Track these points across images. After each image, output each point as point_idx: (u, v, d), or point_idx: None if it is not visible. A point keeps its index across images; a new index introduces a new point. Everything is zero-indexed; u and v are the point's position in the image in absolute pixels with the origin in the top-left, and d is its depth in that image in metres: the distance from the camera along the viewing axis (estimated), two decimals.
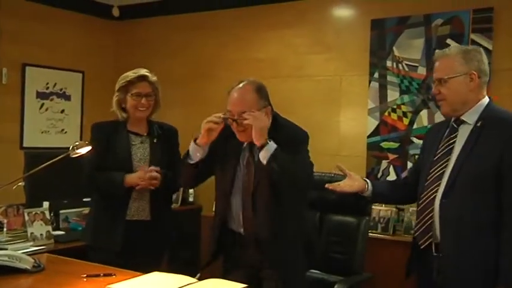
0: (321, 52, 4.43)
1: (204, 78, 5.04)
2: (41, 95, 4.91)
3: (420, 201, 2.19)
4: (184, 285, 1.86)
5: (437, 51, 2.30)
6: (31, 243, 2.95)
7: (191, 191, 4.95)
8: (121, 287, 1.86)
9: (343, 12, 4.40)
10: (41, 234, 3.05)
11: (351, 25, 4.33)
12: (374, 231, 3.76)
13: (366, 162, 4.17)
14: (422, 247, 2.16)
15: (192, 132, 4.39)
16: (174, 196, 4.90)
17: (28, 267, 2.16)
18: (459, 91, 2.12)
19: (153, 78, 2.81)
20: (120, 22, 5.47)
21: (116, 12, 5.19)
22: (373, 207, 3.27)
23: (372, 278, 2.98)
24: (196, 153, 2.39)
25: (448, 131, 2.20)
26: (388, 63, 4.10)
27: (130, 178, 2.63)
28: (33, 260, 2.20)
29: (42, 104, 4.93)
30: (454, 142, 2.14)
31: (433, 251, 2.13)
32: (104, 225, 2.66)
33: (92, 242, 2.70)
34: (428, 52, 3.92)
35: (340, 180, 3.01)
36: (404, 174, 3.91)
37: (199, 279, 2.01)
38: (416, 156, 3.81)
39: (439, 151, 2.18)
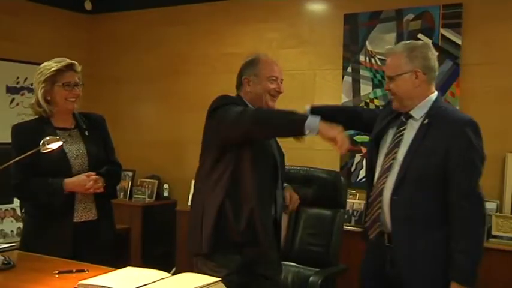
0: (295, 46, 4.45)
1: (177, 73, 5.01)
2: (11, 90, 4.82)
3: (371, 193, 2.27)
4: (158, 280, 1.85)
5: (386, 48, 2.37)
6: (1, 240, 2.91)
7: (166, 185, 4.93)
8: (93, 283, 1.84)
9: (316, 7, 4.43)
10: (12, 231, 3.01)
11: (324, 19, 4.36)
12: (348, 224, 3.80)
13: (340, 156, 4.20)
14: (370, 237, 2.24)
15: (165, 127, 4.40)
16: (147, 190, 4.89)
17: None
18: (405, 88, 2.19)
19: (79, 66, 2.60)
20: (93, 16, 5.40)
21: (88, 5, 5.12)
22: (347, 200, 3.30)
23: (347, 269, 3.02)
24: None
25: (398, 123, 2.26)
26: (361, 58, 4.14)
27: (72, 184, 2.47)
28: (2, 258, 2.17)
29: (13, 99, 4.84)
30: (403, 135, 2.21)
31: (386, 241, 2.19)
32: (50, 232, 2.49)
33: (38, 251, 2.40)
34: None
35: (316, 174, 3.08)
36: None
37: (175, 274, 2.01)
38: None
39: (388, 143, 2.24)
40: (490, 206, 3.58)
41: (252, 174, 2.27)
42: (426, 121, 2.16)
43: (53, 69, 2.51)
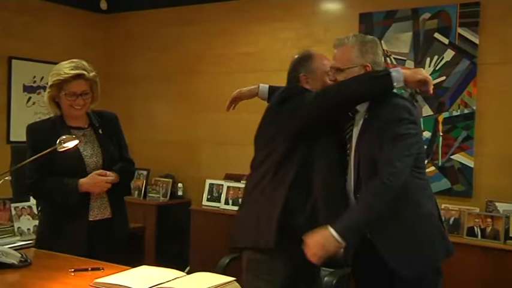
0: (310, 46, 4.40)
1: (192, 72, 5.03)
2: (28, 89, 4.87)
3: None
4: (173, 279, 1.86)
5: (336, 38, 2.31)
6: (18, 237, 2.94)
7: (180, 185, 4.95)
8: (109, 281, 1.85)
9: (331, 6, 4.41)
10: (28, 229, 3.04)
11: (339, 19, 4.34)
12: None
13: None
14: None
15: (180, 126, 4.44)
16: (162, 190, 4.91)
17: (15, 262, 2.14)
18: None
19: (91, 74, 2.55)
20: (108, 15, 5.43)
21: (103, 5, 5.16)
22: None
23: None
24: None
25: (346, 119, 2.26)
26: None
27: (87, 185, 2.48)
28: (20, 255, 2.19)
29: (29, 98, 4.89)
30: (352, 130, 2.21)
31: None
32: (66, 230, 2.49)
33: (53, 249, 2.42)
34: (416, 46, 3.94)
35: None
36: None
37: (189, 273, 2.02)
38: None
39: (346, 137, 2.25)
40: (507, 207, 3.56)
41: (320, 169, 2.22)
42: (367, 116, 2.15)
43: (60, 77, 2.49)
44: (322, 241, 1.98)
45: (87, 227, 2.51)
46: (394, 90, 2.18)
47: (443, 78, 3.84)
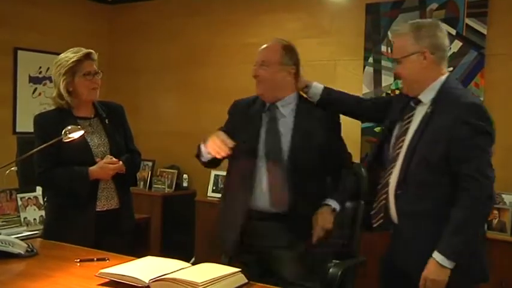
0: (316, 36, 4.41)
1: (197, 63, 5.01)
2: (33, 80, 4.88)
3: (380, 181, 2.19)
4: (178, 269, 1.86)
5: (392, 29, 2.28)
6: (24, 228, 2.94)
7: (185, 176, 4.95)
8: (114, 271, 1.86)
9: None
10: (34, 219, 3.04)
11: (345, 9, 4.31)
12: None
13: (360, 147, 4.17)
14: (374, 225, 2.19)
15: (185, 117, 4.48)
16: (167, 181, 4.92)
17: (21, 252, 2.15)
18: (413, 70, 2.08)
19: (95, 55, 2.59)
20: (114, 6, 5.42)
21: None
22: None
23: (365, 261, 3.00)
24: (206, 154, 2.35)
25: (407, 109, 2.16)
26: (383, 48, 4.09)
27: (96, 172, 2.48)
28: (26, 245, 2.20)
29: (35, 89, 4.90)
30: (410, 122, 2.11)
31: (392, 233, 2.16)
32: (73, 220, 2.49)
33: (61, 239, 2.43)
34: None
35: None
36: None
37: (194, 263, 2.02)
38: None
39: (397, 131, 2.16)
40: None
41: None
42: (430, 109, 2.04)
43: (71, 60, 2.50)
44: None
45: (95, 217, 2.51)
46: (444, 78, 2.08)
47: (451, 69, 3.81)
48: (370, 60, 4.14)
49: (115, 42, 5.46)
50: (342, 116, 4.22)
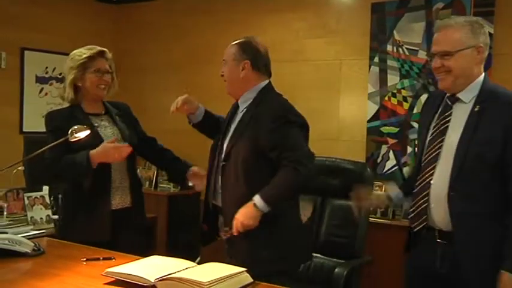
0: (321, 36, 4.40)
1: (202, 62, 5.02)
2: (40, 80, 4.90)
3: (417, 184, 2.13)
4: (184, 269, 1.87)
5: (439, 21, 2.18)
6: (31, 227, 2.96)
7: None
8: (120, 271, 1.86)
9: None
10: (41, 218, 3.06)
11: (351, 9, 4.30)
12: (373, 216, 3.77)
13: (366, 147, 4.17)
14: (415, 230, 2.12)
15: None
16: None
17: (28, 251, 2.16)
18: (465, 65, 2.01)
19: (109, 54, 2.65)
20: (119, 6, 5.44)
21: None
22: (373, 192, 3.26)
23: (371, 261, 3.00)
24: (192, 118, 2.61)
25: (442, 107, 2.12)
26: (389, 47, 4.08)
27: (97, 154, 2.40)
28: (33, 244, 2.21)
29: (42, 89, 4.92)
30: (449, 121, 2.06)
31: (436, 237, 2.07)
32: (89, 217, 2.50)
33: (76, 236, 2.45)
34: (429, 36, 3.89)
35: (342, 165, 3.03)
36: (404, 160, 3.92)
37: (199, 263, 2.02)
38: (416, 142, 3.81)
39: (433, 130, 2.10)
40: None
41: None
42: (477, 108, 1.99)
43: (84, 55, 2.54)
44: None
45: (110, 215, 2.51)
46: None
47: None
48: (376, 59, 4.13)
49: (120, 42, 5.47)
50: (348, 116, 4.27)
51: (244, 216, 2.23)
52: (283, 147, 2.23)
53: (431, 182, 2.06)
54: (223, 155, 2.41)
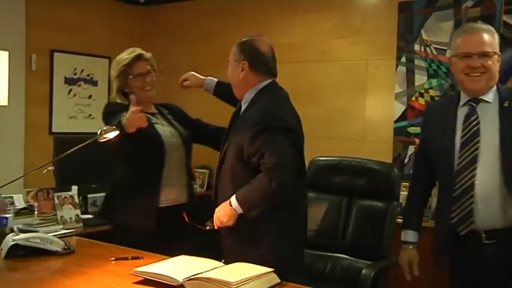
0: (347, 36, 4.38)
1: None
2: (68, 81, 4.98)
3: (455, 187, 2.10)
4: (211, 269, 1.87)
5: (467, 25, 2.30)
6: (61, 226, 3.01)
7: None
8: (149, 270, 1.88)
9: None
10: (70, 218, 3.11)
11: (377, 8, 4.27)
12: (400, 217, 3.71)
13: (393, 148, 4.12)
14: (462, 233, 2.10)
15: (216, 117, 4.47)
16: (199, 180, 4.96)
17: (59, 250, 2.20)
18: (496, 68, 2.12)
19: (148, 55, 2.72)
20: (146, 7, 5.49)
21: None
22: (400, 192, 3.22)
23: (399, 262, 2.96)
24: None
25: (467, 110, 2.14)
26: (416, 47, 4.03)
27: (127, 122, 2.34)
28: (63, 243, 2.25)
29: (70, 90, 5.00)
30: (479, 123, 2.09)
31: (483, 239, 2.06)
32: (137, 205, 2.52)
33: (123, 221, 2.53)
34: None
35: (369, 165, 3.01)
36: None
37: (226, 263, 2.03)
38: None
39: (463, 134, 2.11)
40: None
41: None
42: (507, 104, 2.06)
43: (123, 63, 2.61)
44: None
45: (157, 204, 2.52)
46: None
47: None
48: (403, 59, 4.09)
49: (147, 43, 5.50)
50: (375, 116, 4.23)
51: (221, 212, 2.31)
52: (262, 154, 2.20)
53: (476, 182, 2.05)
54: (221, 157, 2.42)
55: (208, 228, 2.41)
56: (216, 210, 2.34)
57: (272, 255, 2.17)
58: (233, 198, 2.26)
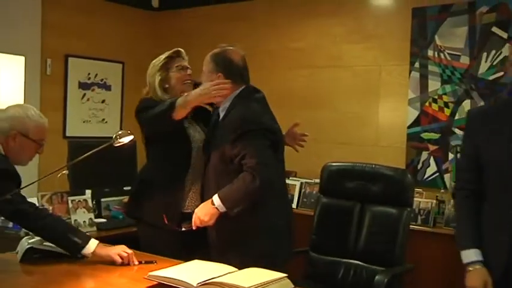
0: (360, 41, 4.37)
1: None
2: (82, 86, 5.02)
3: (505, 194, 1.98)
4: (225, 274, 1.88)
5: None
6: None
7: None
8: (162, 274, 1.89)
9: (383, 1, 4.33)
10: (84, 221, 3.13)
11: (390, 14, 4.26)
12: (414, 224, 3.70)
13: (406, 153, 4.10)
14: None
15: None
16: None
17: None
18: None
19: (184, 54, 2.81)
20: (159, 13, 5.52)
21: (155, 3, 5.24)
22: (414, 199, 3.20)
23: (413, 269, 2.95)
24: None
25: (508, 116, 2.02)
26: (430, 53, 4.01)
27: (192, 97, 2.45)
28: None
29: (84, 94, 5.04)
30: None
31: None
32: (161, 199, 2.52)
33: (155, 220, 2.51)
34: (472, 41, 3.81)
35: (382, 171, 2.99)
36: (445, 166, 3.85)
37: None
38: (459, 148, 3.73)
39: (508, 138, 1.98)
40: None
41: None
42: None
43: (163, 57, 2.69)
44: None
45: (182, 197, 2.54)
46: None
47: (501, 74, 3.71)
48: (417, 65, 4.07)
49: (160, 49, 5.48)
50: (388, 122, 4.21)
51: (202, 212, 2.34)
52: (243, 156, 2.32)
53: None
54: (205, 159, 2.51)
55: (184, 229, 2.44)
56: (196, 210, 2.39)
57: (257, 250, 2.31)
58: (215, 197, 2.33)
